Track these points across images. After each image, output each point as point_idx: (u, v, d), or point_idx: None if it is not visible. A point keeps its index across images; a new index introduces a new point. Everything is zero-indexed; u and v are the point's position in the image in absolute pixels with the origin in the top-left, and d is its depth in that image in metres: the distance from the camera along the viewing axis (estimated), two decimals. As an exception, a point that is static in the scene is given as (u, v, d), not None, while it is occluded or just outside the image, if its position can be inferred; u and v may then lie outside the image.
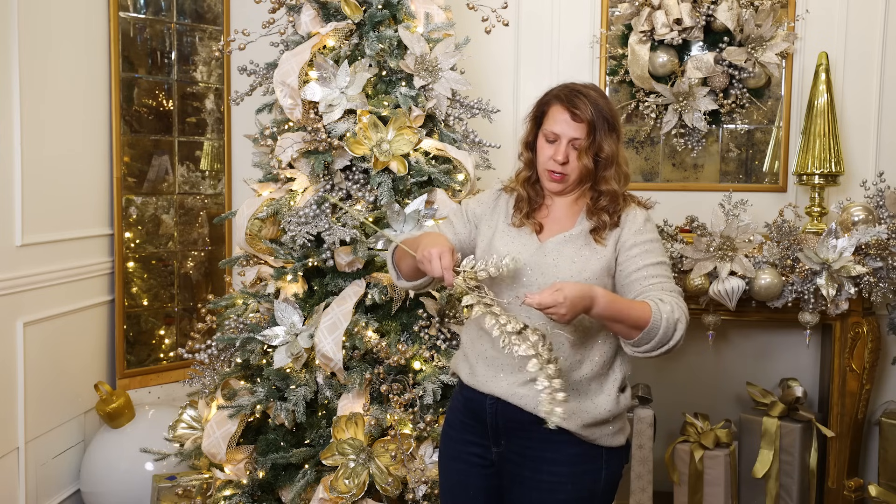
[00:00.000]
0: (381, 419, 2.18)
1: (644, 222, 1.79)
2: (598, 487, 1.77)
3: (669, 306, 1.63)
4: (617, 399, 1.76)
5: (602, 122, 1.74)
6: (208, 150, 3.52)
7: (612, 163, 1.78)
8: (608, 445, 1.76)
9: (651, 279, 1.71)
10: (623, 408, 1.78)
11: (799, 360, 3.43)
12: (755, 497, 3.28)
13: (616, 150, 1.78)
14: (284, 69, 2.29)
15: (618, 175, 1.79)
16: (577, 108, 1.73)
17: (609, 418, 1.75)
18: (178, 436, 2.63)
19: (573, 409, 1.69)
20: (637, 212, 1.80)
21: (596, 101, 1.75)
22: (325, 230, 2.24)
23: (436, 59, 2.36)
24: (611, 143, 1.76)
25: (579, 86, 1.79)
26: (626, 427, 1.81)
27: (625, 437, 1.80)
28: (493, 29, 2.46)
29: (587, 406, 1.73)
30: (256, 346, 2.32)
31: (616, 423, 1.77)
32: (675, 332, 1.63)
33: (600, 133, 1.74)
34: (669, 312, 1.62)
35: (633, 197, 1.84)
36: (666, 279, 1.73)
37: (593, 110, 1.73)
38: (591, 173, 1.78)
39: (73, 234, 3.02)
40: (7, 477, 2.72)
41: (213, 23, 3.49)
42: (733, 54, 3.17)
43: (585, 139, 1.74)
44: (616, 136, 1.78)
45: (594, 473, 1.76)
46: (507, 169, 3.34)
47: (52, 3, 2.88)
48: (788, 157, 3.30)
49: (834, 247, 2.87)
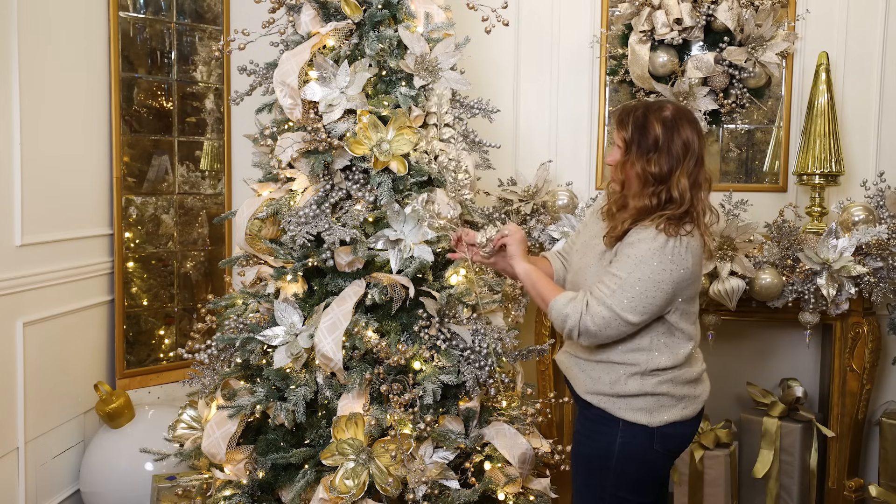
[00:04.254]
0: (381, 419, 2.18)
1: (641, 239, 1.89)
2: (612, 453, 1.98)
3: (568, 303, 1.92)
4: (624, 381, 1.96)
5: (636, 141, 1.93)
6: (208, 150, 3.52)
7: (639, 182, 1.93)
8: (624, 418, 1.97)
9: (598, 283, 1.93)
10: (632, 391, 1.96)
11: (799, 360, 3.43)
12: (755, 497, 3.28)
13: (643, 172, 1.92)
14: (284, 69, 2.29)
15: (640, 196, 1.93)
16: (620, 121, 1.97)
17: (610, 393, 1.97)
18: (177, 436, 2.62)
19: (586, 378, 2.03)
20: (649, 230, 1.89)
21: (637, 120, 1.93)
22: (325, 230, 2.23)
23: (436, 58, 2.36)
24: (643, 164, 1.91)
25: (648, 102, 2.00)
26: (654, 409, 1.97)
27: (647, 417, 1.96)
28: (493, 29, 2.46)
29: (592, 376, 2.01)
30: (256, 346, 2.32)
31: (633, 401, 1.97)
32: (564, 324, 1.93)
33: (633, 151, 1.93)
34: (562, 307, 1.92)
35: (672, 224, 1.90)
36: (605, 286, 1.90)
37: (633, 127, 1.93)
38: (628, 185, 1.96)
39: (72, 234, 3.02)
40: (7, 477, 2.72)
41: (213, 23, 3.49)
42: (733, 54, 3.17)
43: (623, 151, 1.96)
44: (649, 158, 1.91)
45: (608, 437, 1.99)
46: (507, 169, 3.36)
47: (51, 3, 2.87)
48: (789, 157, 3.30)
49: (834, 247, 2.87)
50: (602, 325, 1.89)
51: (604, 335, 1.91)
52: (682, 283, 1.90)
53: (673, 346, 1.97)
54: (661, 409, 1.97)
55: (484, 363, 2.24)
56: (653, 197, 1.90)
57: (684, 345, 1.99)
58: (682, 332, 1.98)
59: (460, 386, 2.28)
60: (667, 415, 1.97)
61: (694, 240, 1.91)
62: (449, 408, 2.29)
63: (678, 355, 1.97)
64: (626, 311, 1.87)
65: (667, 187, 1.90)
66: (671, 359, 1.97)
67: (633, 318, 1.88)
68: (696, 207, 1.91)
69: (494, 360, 2.26)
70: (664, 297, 1.89)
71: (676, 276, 1.88)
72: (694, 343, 2.02)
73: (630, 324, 1.89)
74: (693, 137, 1.91)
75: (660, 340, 1.96)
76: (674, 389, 1.98)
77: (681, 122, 1.92)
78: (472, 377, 2.24)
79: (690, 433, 2.06)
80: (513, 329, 2.37)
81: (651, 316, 1.91)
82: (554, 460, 2.43)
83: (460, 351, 2.26)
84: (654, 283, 1.87)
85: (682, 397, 1.99)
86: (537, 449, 2.40)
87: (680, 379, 1.99)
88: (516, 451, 2.31)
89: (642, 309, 1.88)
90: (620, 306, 1.87)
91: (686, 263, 1.89)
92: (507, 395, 2.46)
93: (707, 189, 1.95)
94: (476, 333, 2.27)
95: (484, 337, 2.25)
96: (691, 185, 1.90)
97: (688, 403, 2.01)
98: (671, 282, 1.88)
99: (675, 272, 1.87)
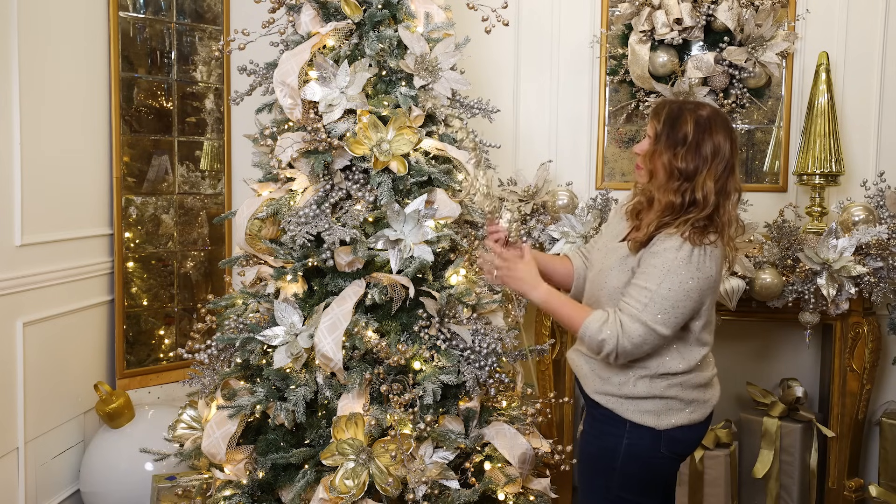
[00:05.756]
0: (381, 419, 2.17)
1: (667, 249, 1.86)
2: (617, 454, 1.98)
3: (602, 327, 1.88)
4: (634, 382, 1.96)
5: (665, 133, 1.91)
6: (208, 149, 3.51)
7: (665, 174, 1.91)
8: (631, 420, 1.97)
9: (626, 296, 1.90)
10: (641, 393, 1.96)
11: (799, 360, 3.43)
12: (755, 497, 3.28)
13: (670, 165, 1.90)
14: (284, 69, 2.28)
15: (665, 190, 1.90)
16: (655, 112, 1.96)
17: (619, 394, 1.97)
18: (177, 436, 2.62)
19: (595, 377, 2.03)
20: (674, 239, 1.86)
21: (671, 113, 1.91)
22: (325, 230, 2.23)
23: (436, 58, 2.36)
24: (669, 156, 1.89)
25: (689, 101, 2.00)
26: (663, 412, 1.96)
27: (655, 420, 1.96)
28: (493, 29, 2.46)
29: (602, 376, 2.01)
30: (256, 346, 2.32)
31: (641, 403, 1.96)
32: (601, 349, 1.90)
33: (661, 141, 1.92)
34: (596, 332, 1.89)
35: (697, 232, 1.87)
36: (634, 301, 1.88)
37: (665, 119, 1.91)
38: (655, 176, 1.94)
39: (72, 234, 3.02)
40: (7, 477, 2.72)
41: (213, 22, 3.48)
42: (733, 54, 3.17)
43: (653, 142, 1.94)
44: (676, 152, 1.89)
45: (614, 438, 1.99)
46: (507, 169, 3.36)
47: (51, 3, 2.87)
48: (789, 156, 3.30)
49: (834, 247, 2.87)
50: (639, 342, 1.87)
51: (641, 351, 1.90)
52: (707, 291, 1.89)
53: (684, 351, 1.96)
54: (669, 413, 1.96)
55: (484, 363, 2.24)
56: (677, 194, 1.88)
57: (697, 350, 1.97)
58: (698, 339, 1.97)
59: (460, 386, 2.28)
60: (675, 418, 1.97)
61: (717, 249, 1.89)
62: (449, 408, 2.29)
63: (689, 360, 1.96)
64: (658, 324, 1.86)
65: (692, 187, 1.87)
66: (682, 363, 1.95)
67: (666, 332, 1.87)
68: (722, 217, 1.89)
69: (494, 360, 2.26)
70: (693, 307, 1.88)
71: (703, 285, 1.87)
72: (707, 348, 2.00)
73: (663, 337, 1.88)
74: (725, 143, 1.88)
75: (672, 345, 1.95)
76: (683, 393, 1.97)
77: (715, 124, 1.89)
78: (472, 377, 2.24)
79: (698, 437, 2.04)
80: (513, 329, 2.37)
81: (680, 326, 1.90)
82: (554, 460, 2.43)
83: (460, 351, 2.26)
84: (683, 293, 1.85)
85: (691, 401, 1.98)
86: (537, 449, 2.40)
87: (689, 383, 1.98)
88: (516, 451, 2.31)
89: (674, 322, 1.87)
90: (654, 320, 1.86)
91: (710, 272, 1.88)
92: (507, 395, 2.46)
93: (736, 200, 1.92)
94: (476, 333, 2.27)
95: (484, 337, 2.25)
96: (717, 191, 1.87)
97: (696, 408, 1.99)
98: (698, 290, 1.87)
99: (701, 280, 1.86)
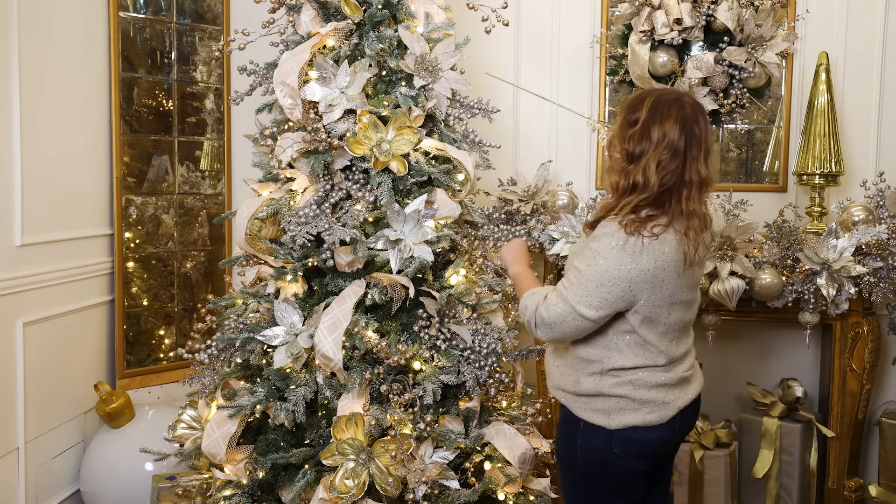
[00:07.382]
0: (381, 419, 2.18)
1: (604, 234, 1.87)
2: (576, 453, 1.99)
3: (530, 295, 1.97)
4: (582, 379, 1.96)
5: (623, 116, 1.94)
6: (208, 150, 3.52)
7: (620, 156, 1.93)
8: (584, 418, 1.97)
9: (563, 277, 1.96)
10: (588, 390, 1.95)
11: (799, 360, 3.43)
12: (755, 497, 3.28)
13: (621, 147, 1.92)
14: (284, 69, 2.29)
15: (612, 171, 1.95)
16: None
17: (571, 391, 1.98)
18: (177, 436, 2.62)
19: (556, 373, 2.05)
20: (612, 224, 1.88)
21: (635, 98, 1.94)
22: (325, 230, 2.23)
23: (436, 59, 2.36)
24: (621, 138, 1.92)
25: (664, 89, 2.06)
26: (613, 411, 1.94)
27: (605, 419, 1.94)
28: (493, 29, 2.46)
29: (561, 372, 2.03)
30: (256, 346, 2.32)
31: (591, 402, 1.96)
32: (524, 315, 1.98)
33: (619, 123, 1.94)
34: (524, 298, 1.99)
35: (636, 223, 1.86)
36: (566, 279, 1.92)
37: (628, 103, 1.94)
38: (611, 158, 1.99)
39: (72, 234, 3.02)
40: (7, 477, 2.72)
41: (213, 23, 3.49)
42: (733, 54, 3.17)
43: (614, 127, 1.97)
44: (626, 133, 1.91)
45: (572, 438, 2.00)
46: (507, 169, 3.36)
47: (51, 3, 2.87)
48: (788, 157, 3.30)
49: (834, 247, 2.87)
50: (557, 317, 1.88)
51: (560, 329, 1.89)
52: (641, 283, 1.84)
53: (635, 348, 1.91)
54: (620, 412, 1.92)
55: (484, 363, 2.24)
56: (622, 175, 1.89)
57: (645, 349, 1.92)
58: (644, 337, 1.91)
59: (460, 386, 2.28)
60: (626, 418, 1.92)
61: (658, 244, 1.83)
62: (449, 408, 2.29)
63: (636, 357, 1.91)
64: (581, 305, 1.85)
65: (635, 170, 1.85)
66: (630, 360, 1.91)
67: (589, 313, 1.85)
68: (674, 207, 1.85)
69: (494, 360, 2.26)
70: (620, 295, 1.84)
71: (635, 276, 1.83)
72: (658, 350, 1.93)
73: (586, 318, 1.86)
74: (674, 131, 1.83)
75: (621, 341, 1.92)
76: (634, 393, 1.91)
77: (669, 111, 1.85)
78: (472, 377, 2.24)
79: (657, 438, 1.95)
80: (513, 329, 2.37)
81: (607, 312, 1.86)
82: (554, 460, 2.43)
83: (460, 351, 2.26)
84: (609, 277, 1.83)
85: (646, 402, 1.92)
86: (537, 449, 2.40)
87: (642, 382, 1.92)
88: (516, 451, 2.31)
89: (597, 303, 1.84)
90: (576, 300, 1.86)
91: (646, 265, 1.83)
92: (507, 395, 2.46)
93: (699, 190, 1.86)
94: (476, 333, 2.27)
95: (484, 337, 2.25)
96: (665, 178, 1.83)
97: (653, 409, 1.93)
98: (628, 280, 1.83)
99: (633, 271, 1.82)
